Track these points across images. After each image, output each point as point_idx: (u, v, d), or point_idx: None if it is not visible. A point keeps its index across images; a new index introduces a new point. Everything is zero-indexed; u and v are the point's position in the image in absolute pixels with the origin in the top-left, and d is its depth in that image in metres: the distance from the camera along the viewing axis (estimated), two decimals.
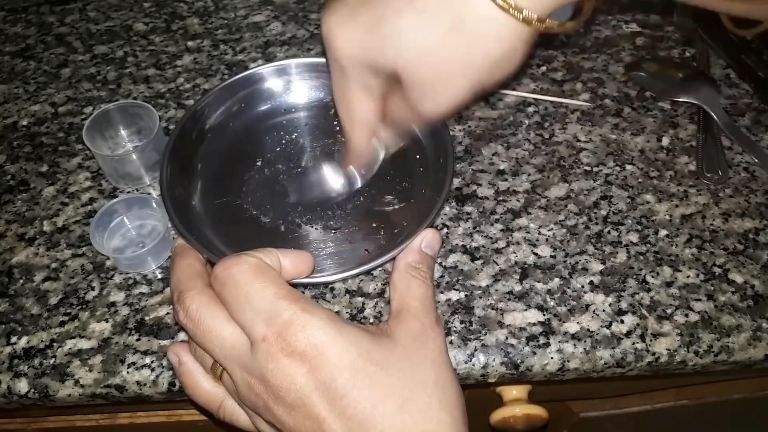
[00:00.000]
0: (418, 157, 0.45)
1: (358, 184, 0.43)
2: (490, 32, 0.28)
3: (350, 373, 0.29)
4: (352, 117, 0.36)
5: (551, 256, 0.42)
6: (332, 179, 0.44)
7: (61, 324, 0.40)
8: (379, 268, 0.42)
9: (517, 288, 0.41)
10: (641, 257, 0.42)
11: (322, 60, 0.49)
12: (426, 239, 0.38)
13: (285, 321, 0.30)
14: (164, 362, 0.38)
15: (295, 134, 0.48)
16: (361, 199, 0.44)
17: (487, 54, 0.29)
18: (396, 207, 0.44)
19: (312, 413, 0.29)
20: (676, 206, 0.45)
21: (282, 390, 0.29)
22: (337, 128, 0.49)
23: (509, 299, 0.40)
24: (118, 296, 0.41)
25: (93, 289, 0.41)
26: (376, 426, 0.29)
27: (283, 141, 0.48)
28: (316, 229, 0.43)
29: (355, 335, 0.30)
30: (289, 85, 0.50)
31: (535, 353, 0.38)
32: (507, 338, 0.38)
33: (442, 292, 0.40)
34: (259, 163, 0.47)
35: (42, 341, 0.39)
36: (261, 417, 0.32)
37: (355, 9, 0.31)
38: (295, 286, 0.41)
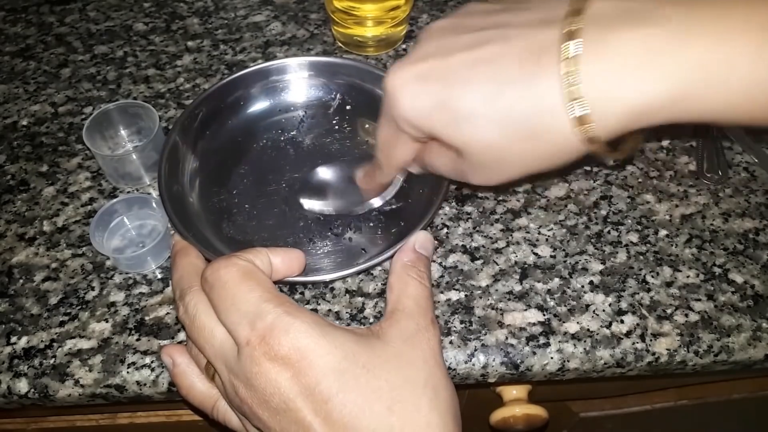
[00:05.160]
0: None
1: (377, 203, 0.43)
2: (559, 145, 0.29)
3: (335, 376, 0.29)
4: (390, 157, 0.36)
5: (551, 256, 0.42)
6: (349, 194, 0.44)
7: (61, 324, 0.40)
8: (379, 268, 0.42)
9: (517, 288, 0.41)
10: (641, 257, 0.42)
11: (321, 59, 0.49)
12: (419, 240, 0.38)
13: (268, 324, 0.29)
14: None
15: (294, 132, 0.48)
16: (360, 199, 0.44)
17: (549, 158, 0.30)
18: (394, 207, 0.43)
19: (297, 418, 0.29)
20: (676, 206, 0.45)
21: (266, 394, 0.29)
22: (336, 127, 0.49)
23: (509, 299, 0.40)
24: (118, 296, 0.41)
25: (93, 289, 0.41)
26: (362, 429, 0.28)
27: (282, 139, 0.48)
28: (314, 227, 0.43)
29: (340, 337, 0.30)
30: (287, 84, 0.50)
31: (535, 353, 0.38)
32: (507, 338, 0.38)
33: (442, 292, 0.40)
34: (255, 162, 0.47)
35: (42, 341, 0.39)
36: (249, 421, 0.31)
37: (427, 75, 0.30)
38: (294, 285, 0.41)
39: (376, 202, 0.43)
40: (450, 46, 0.30)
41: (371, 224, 0.43)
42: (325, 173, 0.45)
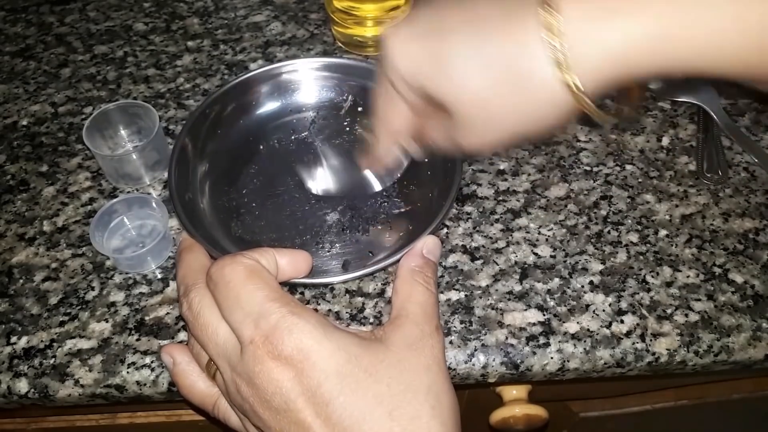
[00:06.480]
0: (426, 160, 0.45)
1: (378, 187, 0.43)
2: (545, 97, 0.29)
3: (337, 378, 0.29)
4: (386, 123, 0.37)
5: (551, 256, 0.42)
6: (352, 179, 0.44)
7: (61, 324, 0.40)
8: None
9: (517, 288, 0.41)
10: (641, 257, 0.42)
11: (333, 60, 0.50)
12: (427, 245, 0.38)
13: (273, 324, 0.29)
14: None
15: (305, 133, 0.49)
16: (368, 201, 0.44)
17: (537, 113, 0.30)
18: (402, 210, 0.44)
19: (297, 418, 0.29)
20: (676, 206, 0.45)
21: (268, 394, 0.29)
22: (347, 128, 0.49)
23: (509, 299, 0.40)
24: (118, 296, 0.41)
25: (93, 289, 0.41)
26: None
27: (292, 140, 0.48)
28: (322, 229, 0.43)
29: (343, 340, 0.30)
30: (299, 85, 0.50)
31: (535, 353, 0.38)
32: (507, 338, 0.38)
33: (442, 292, 0.40)
34: (265, 163, 0.47)
35: (42, 341, 0.39)
36: (249, 420, 0.31)
37: (421, 34, 0.31)
38: (296, 285, 0.41)
39: (380, 184, 0.43)
40: (444, 10, 0.32)
41: (379, 227, 0.43)
42: (346, 168, 0.46)
